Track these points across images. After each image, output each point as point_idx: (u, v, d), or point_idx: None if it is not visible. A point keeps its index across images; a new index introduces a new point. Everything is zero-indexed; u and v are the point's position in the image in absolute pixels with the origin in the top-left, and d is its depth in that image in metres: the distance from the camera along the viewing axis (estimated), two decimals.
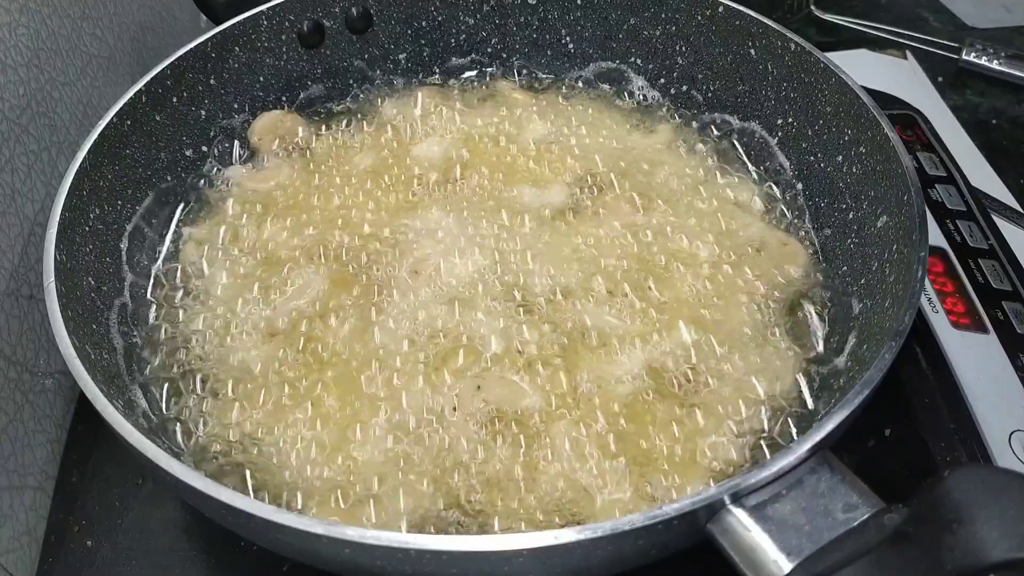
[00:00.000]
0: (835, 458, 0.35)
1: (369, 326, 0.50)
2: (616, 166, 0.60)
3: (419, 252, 0.54)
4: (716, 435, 0.44)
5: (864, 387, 0.36)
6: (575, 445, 0.44)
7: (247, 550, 0.48)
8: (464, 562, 0.32)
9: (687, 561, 0.38)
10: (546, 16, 0.67)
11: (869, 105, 0.50)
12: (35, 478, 0.50)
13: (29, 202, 0.52)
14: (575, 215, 0.56)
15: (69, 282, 0.44)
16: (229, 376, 0.48)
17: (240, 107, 0.63)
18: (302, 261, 0.54)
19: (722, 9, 0.60)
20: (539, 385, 0.46)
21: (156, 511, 0.50)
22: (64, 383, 0.54)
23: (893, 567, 0.30)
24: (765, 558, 0.32)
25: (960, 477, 0.29)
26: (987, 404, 0.53)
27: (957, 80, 0.82)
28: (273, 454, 0.44)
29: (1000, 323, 0.57)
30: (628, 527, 0.32)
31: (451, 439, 0.44)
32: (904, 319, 0.39)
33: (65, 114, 0.57)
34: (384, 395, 0.46)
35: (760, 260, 0.53)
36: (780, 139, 0.59)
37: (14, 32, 0.53)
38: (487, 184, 0.59)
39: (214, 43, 0.59)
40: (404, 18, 0.67)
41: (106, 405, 0.37)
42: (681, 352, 0.48)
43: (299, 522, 0.32)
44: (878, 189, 0.49)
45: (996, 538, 0.27)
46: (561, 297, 0.51)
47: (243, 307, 0.51)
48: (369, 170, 0.60)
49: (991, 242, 0.63)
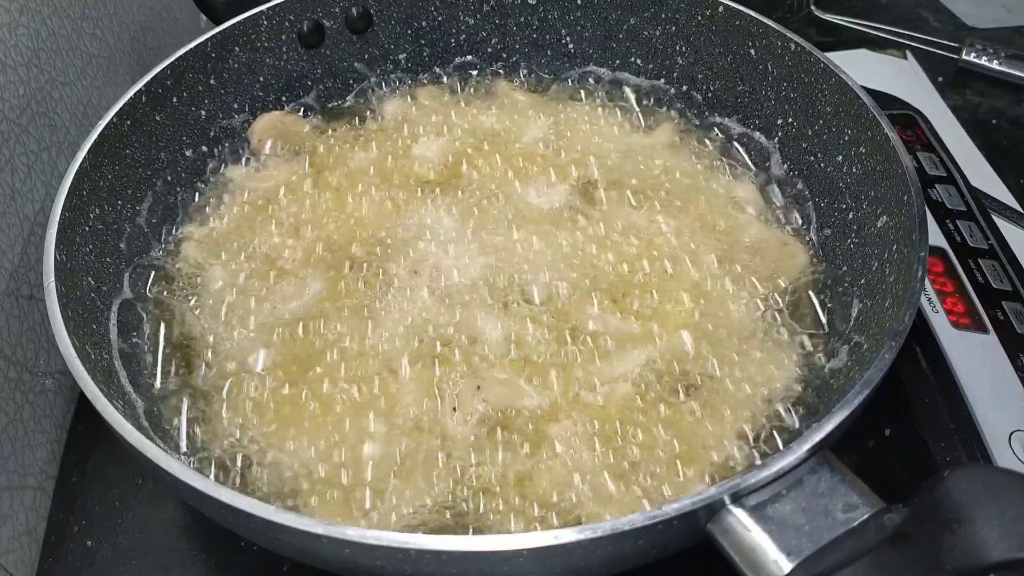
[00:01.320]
0: (835, 458, 0.35)
1: (369, 326, 0.50)
2: (616, 166, 0.60)
3: (419, 252, 0.54)
4: (716, 435, 0.44)
5: (864, 387, 0.36)
6: (575, 445, 0.44)
7: (247, 550, 0.48)
8: (464, 562, 0.32)
9: (687, 561, 0.38)
10: (546, 16, 0.67)
11: (869, 105, 0.50)
12: (35, 478, 0.50)
13: (29, 202, 0.52)
14: (575, 215, 0.56)
15: (69, 282, 0.44)
16: (229, 376, 0.48)
17: (240, 107, 0.63)
18: (302, 261, 0.54)
19: (722, 9, 0.60)
20: (539, 385, 0.47)
21: (156, 511, 0.50)
22: (64, 383, 0.54)
23: (893, 567, 0.30)
24: (765, 558, 0.32)
25: (960, 477, 0.29)
26: (987, 404, 0.53)
27: (957, 80, 0.82)
28: (273, 454, 0.45)
29: (1000, 323, 0.57)
30: (628, 527, 0.32)
31: (450, 439, 0.44)
32: (904, 319, 0.39)
33: (65, 114, 0.57)
34: (383, 395, 0.46)
35: (760, 260, 0.53)
36: (780, 139, 0.59)
37: (14, 32, 0.53)
38: (487, 184, 0.59)
39: (214, 43, 0.59)
40: (404, 18, 0.67)
41: (106, 405, 0.37)
42: (680, 352, 0.48)
43: (299, 522, 0.32)
44: (878, 189, 0.49)
45: (996, 538, 0.27)
46: (561, 297, 0.51)
47: (243, 307, 0.51)
48: (369, 170, 0.60)
49: (991, 242, 0.63)
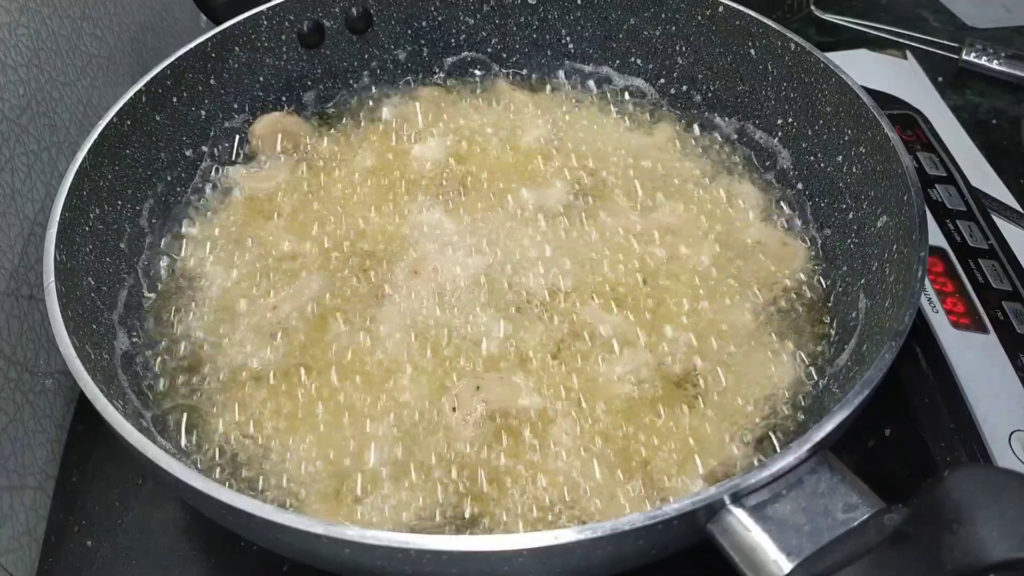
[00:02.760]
0: (835, 458, 0.35)
1: (368, 326, 0.50)
2: (616, 166, 0.60)
3: (418, 252, 0.54)
4: (716, 435, 0.45)
5: (864, 387, 0.36)
6: (574, 444, 0.44)
7: (247, 550, 0.48)
8: (464, 562, 0.32)
9: (687, 561, 0.38)
10: (546, 16, 0.67)
11: (869, 105, 0.50)
12: (35, 478, 0.50)
13: (29, 202, 0.52)
14: (575, 215, 0.56)
15: (69, 282, 0.44)
16: (228, 376, 0.48)
17: (240, 107, 0.63)
18: (302, 261, 0.54)
19: (722, 9, 0.60)
20: (538, 385, 0.47)
21: (156, 511, 0.50)
22: (64, 383, 0.54)
23: (893, 567, 0.30)
24: (765, 558, 0.32)
25: (960, 477, 0.29)
26: (987, 404, 0.53)
27: (957, 80, 0.82)
28: (273, 453, 0.45)
29: (1000, 323, 0.57)
30: (628, 527, 0.32)
31: (450, 439, 0.44)
32: (904, 319, 0.39)
33: (65, 114, 0.57)
34: (383, 395, 0.46)
35: (760, 260, 0.53)
36: (780, 139, 0.59)
37: (14, 32, 0.53)
38: (487, 184, 0.59)
39: (214, 43, 0.59)
40: (404, 18, 0.67)
41: (106, 405, 0.37)
42: (680, 352, 0.48)
43: (299, 522, 0.32)
44: (878, 189, 0.49)
45: (996, 538, 0.27)
46: (560, 297, 0.51)
47: (243, 307, 0.51)
48: (369, 170, 0.60)
49: (991, 242, 0.63)
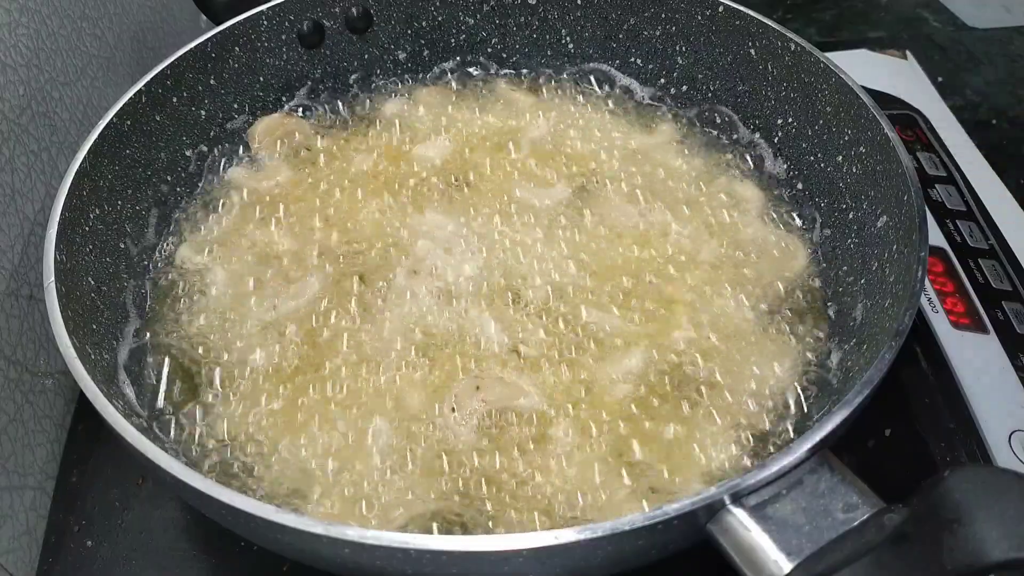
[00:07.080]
0: (835, 458, 0.35)
1: (368, 326, 0.50)
2: (616, 166, 0.60)
3: (419, 252, 0.54)
4: (715, 435, 0.45)
5: (864, 387, 0.36)
6: (574, 445, 0.44)
7: (247, 550, 0.48)
8: (464, 562, 0.32)
9: (687, 561, 0.38)
10: (546, 16, 0.67)
11: (869, 105, 0.50)
12: (35, 478, 0.50)
13: (29, 202, 0.52)
14: (575, 215, 0.56)
15: (69, 282, 0.44)
16: (228, 376, 0.48)
17: (240, 107, 0.63)
18: (302, 261, 0.54)
19: (722, 9, 0.60)
20: (538, 385, 0.47)
21: (156, 511, 0.50)
22: (64, 383, 0.54)
23: (893, 567, 0.30)
24: (765, 558, 0.32)
25: (960, 477, 0.29)
26: (987, 404, 0.53)
27: (957, 80, 0.82)
28: (272, 453, 0.45)
29: (1000, 323, 0.57)
30: (628, 527, 0.32)
31: (450, 439, 0.44)
32: (904, 319, 0.39)
33: (65, 114, 0.57)
34: (383, 395, 0.46)
35: (760, 260, 0.53)
36: (780, 139, 0.59)
37: (14, 32, 0.53)
38: (487, 184, 0.59)
39: (214, 43, 0.59)
40: (404, 18, 0.67)
41: (106, 405, 0.37)
42: (680, 352, 0.48)
43: (299, 522, 0.32)
44: (878, 189, 0.49)
45: (996, 538, 0.27)
46: (560, 297, 0.51)
47: (243, 307, 0.51)
48: (369, 170, 0.60)
49: (991, 242, 0.63)
